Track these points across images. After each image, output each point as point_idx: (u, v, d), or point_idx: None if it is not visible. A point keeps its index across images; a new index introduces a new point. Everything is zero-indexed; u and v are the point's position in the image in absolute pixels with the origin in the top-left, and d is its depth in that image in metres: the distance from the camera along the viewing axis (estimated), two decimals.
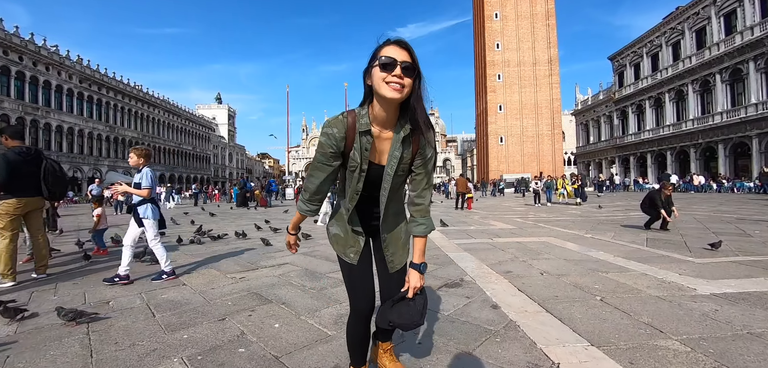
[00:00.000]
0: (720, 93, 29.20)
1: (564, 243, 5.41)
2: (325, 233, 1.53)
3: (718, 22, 29.69)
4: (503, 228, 7.48)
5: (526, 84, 44.79)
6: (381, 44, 1.23)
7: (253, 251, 5.27)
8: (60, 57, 38.05)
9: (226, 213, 14.09)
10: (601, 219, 9.09)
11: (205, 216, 12.43)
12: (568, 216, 10.06)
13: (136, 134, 49.14)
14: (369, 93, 1.27)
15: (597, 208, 12.32)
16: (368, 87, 1.26)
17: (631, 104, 38.98)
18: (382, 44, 1.22)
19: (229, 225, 8.94)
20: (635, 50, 38.89)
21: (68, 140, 38.77)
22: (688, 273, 3.58)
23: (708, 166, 31.45)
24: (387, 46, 1.21)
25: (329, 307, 2.71)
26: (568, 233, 6.56)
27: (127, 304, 2.89)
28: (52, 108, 36.70)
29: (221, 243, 6.13)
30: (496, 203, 18.83)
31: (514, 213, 12.28)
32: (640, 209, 7.37)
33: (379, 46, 1.22)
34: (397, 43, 1.21)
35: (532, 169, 43.38)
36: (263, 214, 12.77)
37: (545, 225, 8.01)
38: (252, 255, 4.96)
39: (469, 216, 10.67)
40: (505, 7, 44.92)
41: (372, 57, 1.23)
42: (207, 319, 2.50)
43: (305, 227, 8.50)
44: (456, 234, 6.67)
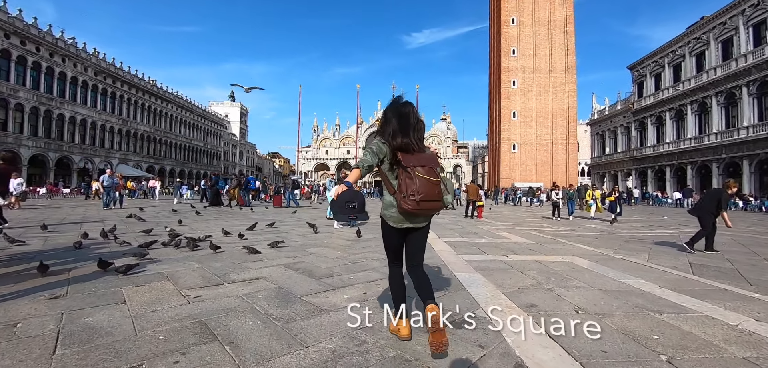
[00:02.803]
0: (746, 106, 27.73)
1: (593, 265, 4.59)
2: (331, 234, 1.70)
3: (747, 32, 28.26)
4: (519, 242, 6.67)
5: (542, 91, 43.63)
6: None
7: (231, 259, 4.60)
8: (76, 49, 38.40)
9: (208, 213, 13.53)
10: (627, 236, 8.20)
11: (195, 215, 11.92)
12: (589, 232, 9.17)
13: (148, 128, 49.42)
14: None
15: (609, 224, 11.21)
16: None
17: (651, 115, 37.54)
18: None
19: (213, 227, 8.33)
20: (656, 60, 37.47)
21: (81, 132, 39.03)
22: (765, 318, 2.77)
23: None
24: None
25: (290, 354, 1.98)
26: (593, 252, 5.73)
27: (34, 330, 2.22)
28: (66, 99, 36.99)
29: (200, 248, 5.50)
30: (508, 213, 17.92)
31: (528, 224, 11.42)
32: (663, 223, 6.46)
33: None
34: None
35: (545, 179, 42.12)
36: (239, 216, 11.56)
37: (565, 240, 7.18)
38: (226, 264, 4.28)
39: (480, 227, 9.87)
40: (523, 12, 43.93)
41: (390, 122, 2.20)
42: (120, 362, 1.82)
43: (320, 222, 7.90)
44: (465, 248, 5.93)
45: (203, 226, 8.40)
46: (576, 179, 42.56)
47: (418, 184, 2.00)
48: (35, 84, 33.94)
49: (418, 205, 1.99)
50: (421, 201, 1.99)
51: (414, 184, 2.00)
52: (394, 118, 2.15)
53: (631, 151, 40.19)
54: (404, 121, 2.14)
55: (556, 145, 43.89)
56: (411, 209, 2.00)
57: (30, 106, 33.08)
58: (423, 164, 2.05)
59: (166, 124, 54.18)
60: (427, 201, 2.01)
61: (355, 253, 5.19)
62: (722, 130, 29.75)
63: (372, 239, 6.50)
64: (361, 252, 5.24)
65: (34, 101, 33.50)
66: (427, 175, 2.03)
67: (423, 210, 2.04)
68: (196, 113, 62.17)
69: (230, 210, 14.23)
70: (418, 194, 1.98)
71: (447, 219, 12.17)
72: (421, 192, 1.99)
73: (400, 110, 2.17)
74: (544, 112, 43.83)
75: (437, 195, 2.06)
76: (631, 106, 40.03)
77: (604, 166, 44.61)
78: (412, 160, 2.06)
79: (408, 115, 2.16)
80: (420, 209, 2.01)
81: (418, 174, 2.01)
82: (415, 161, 2.06)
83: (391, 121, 2.15)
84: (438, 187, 2.07)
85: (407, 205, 2.00)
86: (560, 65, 43.42)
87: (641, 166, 38.72)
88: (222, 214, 12.29)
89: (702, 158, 31.55)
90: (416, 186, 1.99)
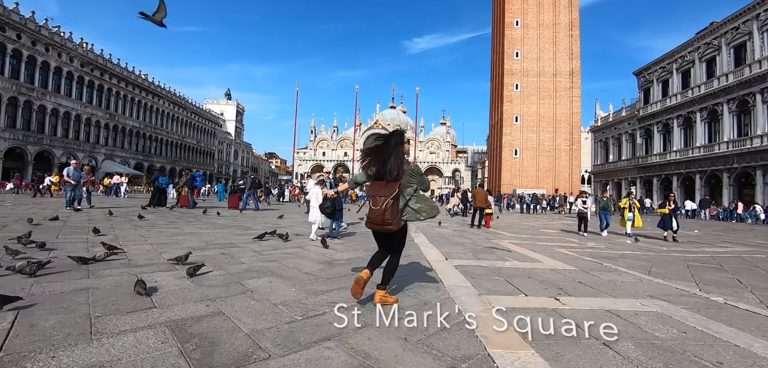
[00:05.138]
0: (761, 114, 26.57)
1: (703, 322, 3.10)
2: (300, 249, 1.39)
3: (762, 37, 27.14)
4: (557, 269, 5.06)
5: (546, 95, 42.41)
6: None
7: (98, 303, 2.75)
8: (61, 38, 36.69)
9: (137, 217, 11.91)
10: (690, 258, 6.77)
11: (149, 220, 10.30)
12: (630, 250, 7.75)
13: (137, 124, 47.66)
14: None
15: (634, 241, 9.35)
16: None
17: (657, 122, 36.38)
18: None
19: (134, 237, 6.77)
20: (664, 66, 36.36)
21: (64, 125, 37.26)
22: None
23: (741, 192, 28.74)
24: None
25: None
26: (671, 290, 4.09)
27: None
28: (48, 90, 35.23)
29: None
30: (517, 221, 16.51)
31: (548, 237, 9.97)
32: (708, 239, 5.04)
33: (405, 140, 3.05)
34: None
35: (547, 185, 40.89)
36: (179, 222, 8.98)
37: (614, 265, 5.69)
38: (66, 320, 2.38)
39: (493, 241, 8.40)
40: (527, 15, 42.77)
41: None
42: None
43: (292, 228, 6.41)
44: (488, 281, 4.14)
45: (129, 234, 6.49)
46: (579, 186, 41.32)
47: (368, 211, 3.00)
48: (15, 73, 32.19)
49: (369, 225, 2.97)
50: (369, 223, 2.96)
51: (369, 210, 2.98)
52: (370, 156, 3.05)
53: (636, 158, 39.01)
54: (377, 157, 3.01)
55: (559, 151, 42.64)
56: (367, 225, 2.99)
57: (8, 95, 31.32)
58: (377, 194, 2.90)
59: (157, 119, 52.42)
60: (373, 224, 2.94)
61: (319, 293, 3.34)
62: (734, 139, 28.59)
63: (353, 260, 4.95)
64: (329, 293, 3.36)
65: (13, 91, 31.75)
66: (373, 204, 2.91)
67: (373, 227, 2.97)
68: (189, 110, 60.43)
69: (169, 212, 12.13)
70: (367, 217, 2.97)
71: (451, 230, 10.66)
72: (371, 216, 2.94)
73: (374, 149, 3.02)
74: (547, 116, 42.60)
75: (379, 221, 2.88)
76: (637, 113, 38.89)
77: (607, 174, 43.40)
78: (372, 190, 2.96)
79: (380, 150, 3.00)
80: (372, 226, 2.97)
81: (370, 203, 2.95)
82: (374, 190, 2.94)
83: (367, 156, 3.07)
84: (381, 216, 2.86)
85: (367, 222, 2.98)
86: (564, 69, 42.26)
87: (647, 174, 37.52)
88: (163, 218, 9.84)
89: (712, 167, 30.38)
90: (369, 211, 2.99)
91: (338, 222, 7.30)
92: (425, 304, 3.13)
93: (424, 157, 72.24)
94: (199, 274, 3.77)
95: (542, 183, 41.75)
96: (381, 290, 2.98)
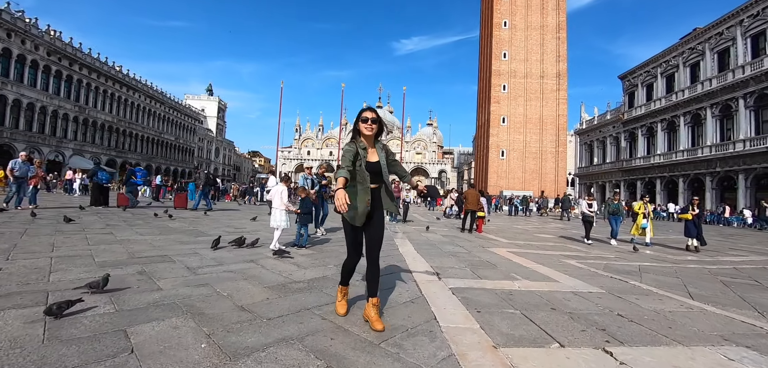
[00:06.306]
0: (743, 119, 26.85)
1: None
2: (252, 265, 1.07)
3: (745, 43, 27.45)
4: (578, 291, 4.00)
5: (533, 97, 42.24)
6: (362, 110, 2.72)
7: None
8: (25, 24, 34.22)
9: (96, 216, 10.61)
10: (714, 271, 6.04)
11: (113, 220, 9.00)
12: (651, 263, 6.99)
13: (109, 118, 45.19)
14: (357, 132, 2.74)
15: (632, 251, 8.21)
16: (357, 130, 2.74)
17: (641, 126, 36.63)
18: (362, 110, 2.72)
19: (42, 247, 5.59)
20: (649, 70, 36.63)
21: (27, 116, 34.79)
22: None
23: (723, 196, 29.05)
24: (365, 112, 2.70)
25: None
26: (734, 323, 3.23)
27: None
28: (9, 79, 32.78)
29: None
30: (507, 225, 15.79)
31: (547, 245, 9.17)
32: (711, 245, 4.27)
33: (361, 110, 2.72)
34: (369, 109, 2.74)
35: (534, 187, 40.69)
36: (110, 225, 7.54)
37: (642, 282, 4.80)
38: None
39: (490, 251, 7.52)
40: (515, 16, 42.51)
41: (357, 117, 2.72)
42: None
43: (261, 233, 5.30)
44: (497, 312, 3.18)
45: (32, 244, 5.09)
46: (565, 189, 41.32)
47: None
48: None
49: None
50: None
51: None
52: None
53: (620, 161, 39.24)
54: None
55: (545, 153, 42.54)
56: None
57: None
58: None
59: (132, 114, 49.94)
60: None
61: (244, 353, 2.14)
62: (717, 143, 28.85)
63: (315, 283, 3.83)
64: (263, 350, 2.19)
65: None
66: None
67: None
68: (167, 105, 57.95)
69: (105, 210, 10.95)
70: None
71: (440, 236, 9.59)
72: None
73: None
74: (533, 118, 42.45)
75: None
76: (622, 117, 39.12)
77: (591, 177, 43.63)
78: None
79: None
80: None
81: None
82: None
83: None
84: None
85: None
86: (551, 71, 42.20)
87: (630, 177, 37.76)
88: (102, 220, 8.56)
89: (695, 171, 30.64)
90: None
91: (307, 229, 6.26)
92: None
93: (411, 158, 71.58)
94: (68, 314, 2.49)
95: (529, 184, 41.56)
96: (375, 298, 2.74)
